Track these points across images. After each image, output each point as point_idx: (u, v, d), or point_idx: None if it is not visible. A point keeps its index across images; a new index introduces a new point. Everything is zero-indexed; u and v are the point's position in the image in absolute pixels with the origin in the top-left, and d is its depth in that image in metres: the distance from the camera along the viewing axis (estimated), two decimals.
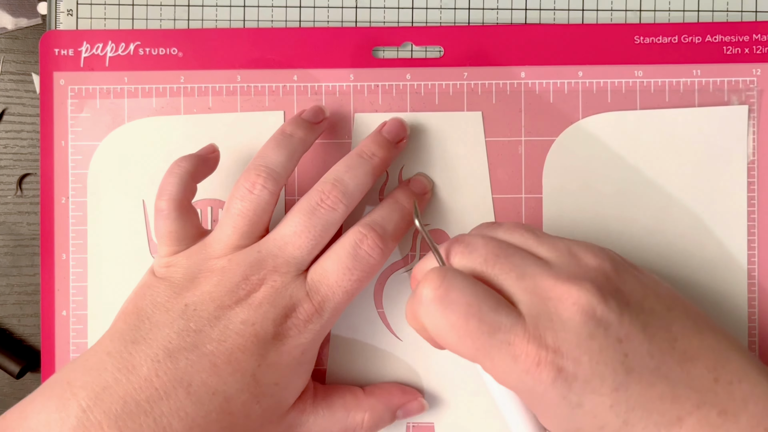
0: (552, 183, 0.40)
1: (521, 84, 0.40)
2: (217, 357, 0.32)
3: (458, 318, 0.29)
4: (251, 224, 0.35)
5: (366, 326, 0.40)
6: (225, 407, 0.32)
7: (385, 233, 0.35)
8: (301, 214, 0.34)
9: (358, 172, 0.36)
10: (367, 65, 0.40)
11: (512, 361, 0.29)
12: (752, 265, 0.40)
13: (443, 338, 0.30)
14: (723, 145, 0.40)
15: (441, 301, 0.30)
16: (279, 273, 0.34)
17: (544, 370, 0.29)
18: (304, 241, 0.34)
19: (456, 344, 0.30)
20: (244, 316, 0.33)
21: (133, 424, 0.30)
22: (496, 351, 0.29)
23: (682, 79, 0.40)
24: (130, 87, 0.41)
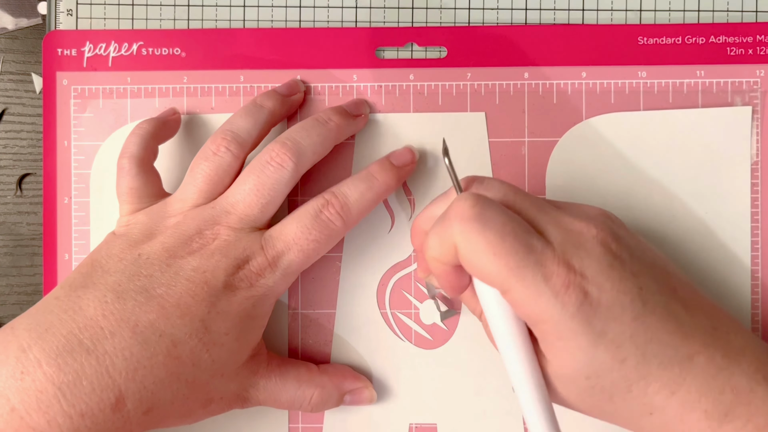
0: (555, 184, 0.40)
1: (525, 84, 0.40)
2: (166, 300, 0.32)
3: (495, 235, 0.29)
4: (212, 184, 0.35)
5: (369, 327, 0.40)
6: (172, 351, 0.31)
7: (347, 202, 0.36)
8: (252, 173, 0.35)
9: (311, 133, 0.36)
10: (371, 66, 0.40)
11: (543, 282, 0.29)
12: (755, 266, 0.40)
13: (477, 257, 0.29)
14: (726, 147, 0.40)
15: (478, 219, 0.29)
16: (232, 228, 0.34)
17: (572, 293, 0.29)
18: (254, 199, 0.35)
19: (489, 263, 0.29)
20: (196, 264, 0.33)
21: (73, 362, 0.30)
22: (529, 271, 0.29)
23: (685, 80, 0.40)
24: (133, 87, 0.41)
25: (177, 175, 0.40)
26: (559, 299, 0.29)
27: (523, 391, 0.31)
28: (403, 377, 0.40)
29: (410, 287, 0.40)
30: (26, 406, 0.29)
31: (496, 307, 0.31)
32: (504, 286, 0.30)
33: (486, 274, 0.30)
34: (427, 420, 0.40)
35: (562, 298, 0.29)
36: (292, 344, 0.40)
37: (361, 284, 0.40)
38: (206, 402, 0.34)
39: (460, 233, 0.30)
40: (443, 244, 0.31)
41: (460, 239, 0.30)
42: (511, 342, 0.31)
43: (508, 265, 0.29)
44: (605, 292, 0.29)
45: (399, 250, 0.40)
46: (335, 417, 0.40)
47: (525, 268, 0.29)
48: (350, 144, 0.40)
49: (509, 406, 0.40)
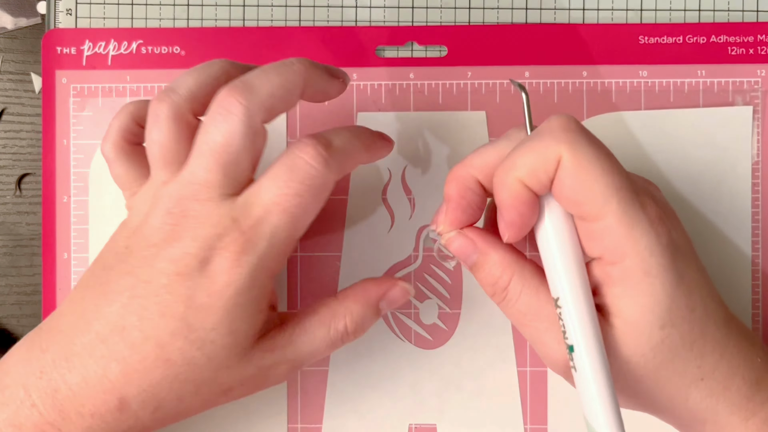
0: None
1: (525, 83, 0.40)
2: (146, 299, 0.30)
3: (602, 151, 0.28)
4: (171, 153, 0.31)
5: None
6: (160, 354, 0.30)
7: (330, 145, 0.30)
8: (202, 131, 0.30)
9: (268, 72, 0.30)
10: (371, 64, 0.40)
11: (641, 209, 0.28)
12: (756, 266, 0.39)
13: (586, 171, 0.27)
14: (727, 146, 0.40)
15: (585, 132, 0.28)
16: (198, 200, 0.29)
17: (664, 226, 0.29)
18: (211, 160, 0.29)
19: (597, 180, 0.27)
20: (168, 253, 0.29)
21: (80, 365, 0.30)
22: (630, 194, 0.28)
23: (686, 80, 0.40)
24: (132, 86, 0.40)
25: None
26: (654, 229, 0.28)
27: (584, 347, 0.28)
28: (402, 377, 0.40)
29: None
30: (44, 403, 0.30)
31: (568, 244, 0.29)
32: (602, 210, 0.27)
33: (587, 193, 0.27)
34: (426, 420, 0.40)
35: (657, 229, 0.28)
36: None
37: None
38: (224, 391, 0.32)
39: (569, 143, 0.27)
40: (543, 157, 0.28)
41: (568, 149, 0.27)
42: (578, 286, 0.29)
43: (614, 184, 0.27)
44: (679, 236, 0.30)
45: (399, 249, 0.40)
46: (334, 417, 0.40)
47: (627, 190, 0.28)
48: None
49: (510, 406, 0.40)
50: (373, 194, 0.40)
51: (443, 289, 0.40)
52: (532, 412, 0.40)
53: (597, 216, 0.28)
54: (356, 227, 0.40)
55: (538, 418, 0.40)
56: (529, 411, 0.40)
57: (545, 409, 0.40)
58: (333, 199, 0.40)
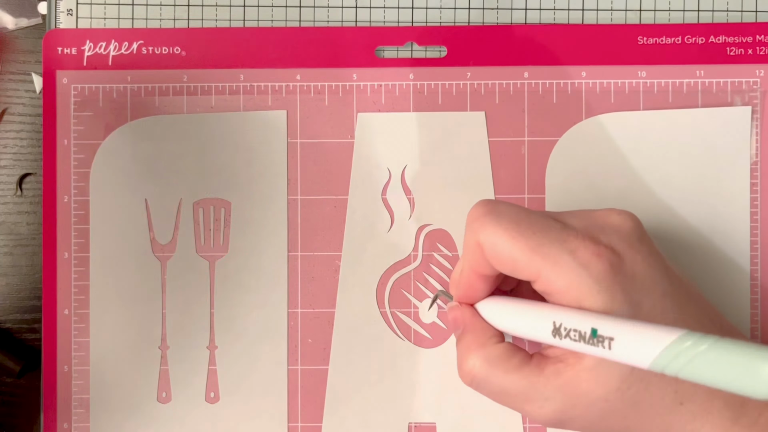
0: (555, 183, 0.40)
1: (525, 84, 0.40)
2: None
3: (509, 222, 0.30)
4: None
5: (369, 326, 0.40)
6: None
7: None
8: None
9: None
10: (370, 65, 0.40)
11: (569, 255, 0.29)
12: (755, 266, 0.40)
13: (498, 246, 0.30)
14: (726, 147, 0.40)
15: (491, 213, 0.30)
16: None
17: (604, 262, 0.29)
18: None
19: (510, 249, 0.30)
20: None
21: None
22: (553, 247, 0.29)
23: (685, 80, 0.40)
24: (133, 86, 0.41)
25: (181, 178, 0.40)
26: (591, 269, 0.29)
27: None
28: (402, 376, 0.40)
29: (410, 286, 0.40)
30: None
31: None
32: (531, 270, 0.29)
33: (512, 263, 0.30)
34: (426, 419, 0.40)
35: (595, 268, 0.29)
36: (292, 344, 0.40)
37: (361, 283, 0.40)
38: None
39: (478, 230, 0.30)
40: (470, 249, 0.31)
41: (481, 236, 0.30)
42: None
43: (528, 246, 0.29)
44: (637, 264, 0.29)
45: (398, 249, 0.40)
46: (334, 416, 0.40)
47: (547, 245, 0.29)
48: (350, 143, 0.40)
49: None
50: (372, 194, 0.40)
51: (443, 288, 0.40)
52: None
53: (534, 279, 0.30)
54: (356, 227, 0.40)
55: None
56: None
57: None
58: (333, 199, 0.40)
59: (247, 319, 0.40)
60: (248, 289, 0.40)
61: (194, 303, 0.40)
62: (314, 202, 0.40)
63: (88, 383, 0.40)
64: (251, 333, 0.40)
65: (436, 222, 0.40)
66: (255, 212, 0.40)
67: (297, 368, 0.40)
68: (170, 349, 0.40)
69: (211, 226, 0.40)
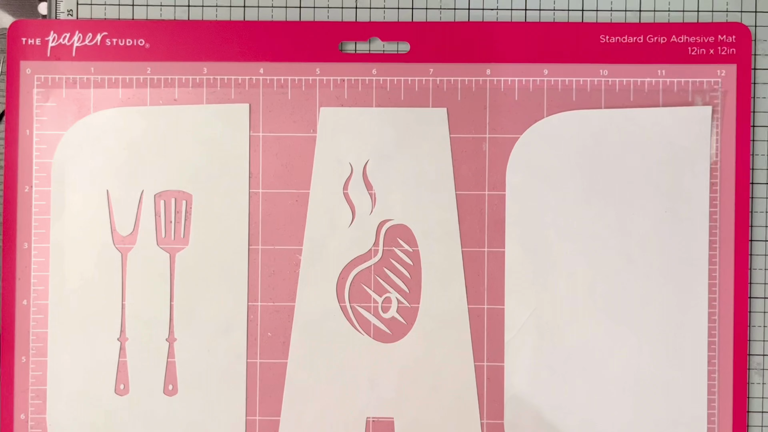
0: (515, 180, 0.40)
1: (487, 81, 0.40)
2: None
3: None
4: None
5: (328, 320, 0.40)
6: None
7: None
8: None
9: None
10: (334, 59, 0.40)
11: None
12: (713, 265, 0.40)
13: None
14: (686, 146, 0.40)
15: None
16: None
17: None
18: None
19: None
20: None
21: None
22: None
23: (646, 79, 0.40)
24: (96, 77, 0.41)
25: (143, 170, 0.40)
26: None
27: None
28: (361, 371, 0.40)
29: (370, 281, 0.40)
30: None
31: None
32: None
33: None
34: (384, 414, 0.40)
35: None
36: (251, 337, 0.40)
37: (321, 277, 0.40)
38: None
39: None
40: None
41: None
42: None
43: None
44: None
45: (359, 243, 0.40)
46: (292, 410, 0.40)
47: None
48: (312, 137, 0.40)
49: (466, 401, 0.40)
50: (334, 188, 0.40)
51: (403, 283, 0.40)
52: (489, 407, 0.40)
53: None
54: (317, 221, 0.40)
55: (495, 412, 0.40)
56: (486, 406, 0.40)
57: (501, 403, 0.40)
58: (294, 193, 0.40)
59: (206, 311, 0.40)
60: (208, 282, 0.40)
61: (154, 295, 0.40)
62: (276, 195, 0.40)
63: (46, 374, 0.40)
64: (211, 326, 0.40)
65: (397, 217, 0.40)
66: (216, 205, 0.40)
67: (256, 362, 0.40)
68: (129, 340, 0.40)
69: (173, 219, 0.41)
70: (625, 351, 0.40)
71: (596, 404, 0.40)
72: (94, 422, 0.40)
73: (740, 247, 0.39)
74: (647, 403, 0.39)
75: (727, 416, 0.39)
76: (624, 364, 0.40)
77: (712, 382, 0.39)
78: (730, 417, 0.39)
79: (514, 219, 0.40)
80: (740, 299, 0.39)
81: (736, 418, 0.39)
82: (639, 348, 0.40)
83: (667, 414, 0.39)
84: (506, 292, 0.40)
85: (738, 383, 0.39)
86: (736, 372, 0.39)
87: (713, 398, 0.39)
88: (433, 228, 0.40)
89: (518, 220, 0.40)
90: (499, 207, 0.40)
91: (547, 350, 0.40)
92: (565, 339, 0.40)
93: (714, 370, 0.39)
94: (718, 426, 0.39)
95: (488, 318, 0.40)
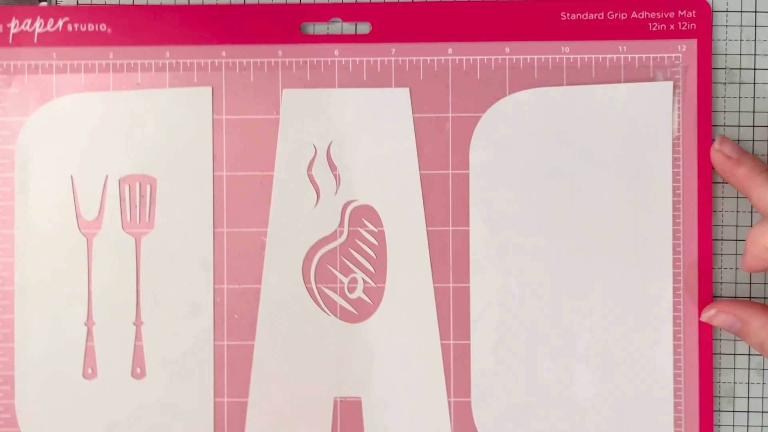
0: (479, 159, 0.40)
1: (449, 60, 0.40)
2: None
3: None
4: None
5: (294, 302, 0.40)
6: None
7: None
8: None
9: None
10: (295, 41, 0.40)
11: None
12: (677, 240, 0.40)
13: None
14: (648, 121, 0.40)
15: None
16: None
17: None
18: None
19: None
20: None
21: None
22: None
23: (608, 56, 0.40)
24: (58, 63, 0.41)
25: (107, 155, 0.40)
26: None
27: None
28: (327, 351, 0.40)
29: (336, 262, 0.40)
30: None
31: None
32: None
33: None
34: (351, 393, 0.40)
35: None
36: (218, 319, 0.40)
37: (287, 259, 0.40)
38: None
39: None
40: None
41: None
42: None
43: None
44: None
45: (324, 225, 0.40)
46: (260, 391, 0.40)
47: None
48: (275, 119, 0.40)
49: (433, 379, 0.40)
50: (298, 170, 0.40)
51: (368, 263, 0.40)
52: (456, 385, 0.40)
53: None
54: (282, 202, 0.40)
55: (462, 390, 0.40)
56: (453, 384, 0.40)
57: (468, 382, 0.40)
58: (259, 175, 0.40)
59: (173, 295, 0.40)
60: (174, 266, 0.40)
61: (120, 279, 0.40)
62: (240, 178, 0.40)
63: (13, 360, 0.40)
64: (177, 309, 0.40)
65: (362, 198, 0.40)
66: (181, 189, 0.40)
67: (223, 344, 0.40)
68: (96, 325, 0.40)
69: (137, 203, 0.41)
70: (591, 327, 0.40)
71: (562, 381, 0.40)
72: (63, 407, 0.40)
73: (703, 221, 0.40)
74: (613, 379, 0.40)
75: (693, 391, 0.40)
76: (589, 340, 0.40)
77: (678, 356, 0.40)
78: (697, 391, 0.39)
79: (478, 197, 0.40)
80: (704, 272, 0.40)
81: (703, 392, 0.39)
82: (604, 324, 0.40)
83: (633, 390, 0.40)
84: (471, 271, 0.40)
85: (704, 357, 0.39)
86: (701, 346, 0.39)
87: (679, 372, 0.40)
88: (398, 208, 0.40)
89: (482, 199, 0.40)
90: (463, 185, 0.40)
91: (513, 327, 0.40)
92: (531, 316, 0.40)
93: (679, 345, 0.40)
94: (684, 400, 0.40)
95: (454, 296, 0.40)
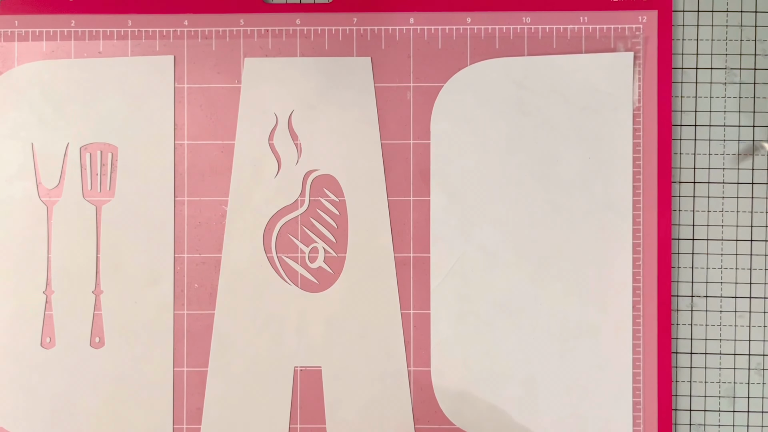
0: (440, 129, 0.40)
1: (410, 30, 0.40)
2: None
3: None
4: None
5: (255, 271, 0.40)
6: None
7: None
8: None
9: None
10: (258, 10, 0.40)
11: None
12: (637, 210, 0.40)
13: None
14: (609, 92, 0.40)
15: None
16: None
17: None
18: None
19: None
20: None
21: None
22: None
23: (569, 26, 0.40)
24: (20, 30, 0.41)
25: (68, 123, 0.40)
26: None
27: None
28: (288, 321, 0.40)
29: (297, 231, 0.40)
30: None
31: None
32: None
33: None
34: (311, 363, 0.40)
35: None
36: (178, 288, 0.40)
37: (248, 228, 0.40)
38: None
39: None
40: None
41: None
42: None
43: None
44: None
45: (285, 194, 0.40)
46: (220, 360, 0.40)
47: None
48: (237, 88, 0.40)
49: (393, 348, 0.40)
50: (259, 139, 0.40)
51: (329, 233, 0.40)
52: (416, 355, 0.40)
53: None
54: (243, 172, 0.40)
55: (422, 360, 0.40)
56: (413, 353, 0.40)
57: (428, 350, 0.40)
58: (220, 144, 0.40)
59: (133, 264, 0.40)
60: (135, 234, 0.40)
61: (80, 248, 0.40)
62: (201, 147, 0.40)
63: None
64: (137, 278, 0.40)
65: (323, 167, 0.40)
66: (142, 157, 0.40)
67: (183, 313, 0.40)
68: (55, 293, 0.40)
69: (98, 171, 0.40)
70: (551, 297, 0.40)
71: (522, 351, 0.40)
72: (21, 376, 0.40)
73: (663, 190, 0.40)
74: (573, 349, 0.40)
75: (652, 360, 0.40)
76: (549, 311, 0.40)
77: (637, 327, 0.40)
78: (655, 360, 0.40)
79: (439, 167, 0.40)
80: (664, 242, 0.40)
81: (661, 360, 0.39)
82: (564, 294, 0.40)
83: (593, 359, 0.40)
84: (431, 241, 0.40)
85: (662, 325, 0.39)
86: (660, 315, 0.40)
87: (638, 342, 0.40)
88: (359, 178, 0.40)
89: (443, 169, 0.40)
90: (424, 155, 0.40)
91: (472, 297, 0.40)
92: (491, 286, 0.40)
93: (639, 315, 0.40)
94: (643, 370, 0.40)
95: (414, 266, 0.40)
